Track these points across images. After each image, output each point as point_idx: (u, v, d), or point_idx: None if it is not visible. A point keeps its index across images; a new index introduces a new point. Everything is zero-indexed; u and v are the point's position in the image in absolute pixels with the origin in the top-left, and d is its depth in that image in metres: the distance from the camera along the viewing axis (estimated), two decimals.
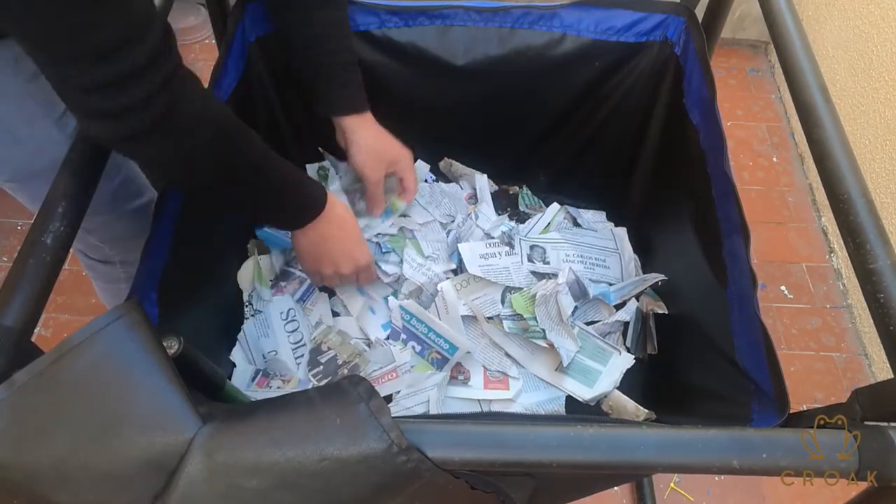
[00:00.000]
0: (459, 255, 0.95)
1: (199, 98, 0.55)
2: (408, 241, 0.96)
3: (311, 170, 1.01)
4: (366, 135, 0.84)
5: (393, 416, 0.42)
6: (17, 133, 0.69)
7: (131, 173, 0.84)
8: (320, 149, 1.00)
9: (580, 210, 1.05)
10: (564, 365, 0.84)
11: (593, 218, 1.05)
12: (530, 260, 0.94)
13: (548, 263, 0.95)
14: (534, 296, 0.88)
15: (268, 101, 0.92)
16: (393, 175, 0.91)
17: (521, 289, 0.90)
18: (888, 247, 0.48)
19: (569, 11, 0.85)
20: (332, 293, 0.94)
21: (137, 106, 0.49)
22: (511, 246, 0.95)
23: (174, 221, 0.69)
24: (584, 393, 0.84)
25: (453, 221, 1.00)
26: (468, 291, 0.90)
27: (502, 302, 0.91)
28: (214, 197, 0.68)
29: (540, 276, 0.93)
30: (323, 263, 0.80)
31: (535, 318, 0.87)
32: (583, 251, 0.97)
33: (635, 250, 1.00)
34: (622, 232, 1.01)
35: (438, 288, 0.88)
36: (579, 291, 0.90)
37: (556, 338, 0.84)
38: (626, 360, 0.87)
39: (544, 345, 0.85)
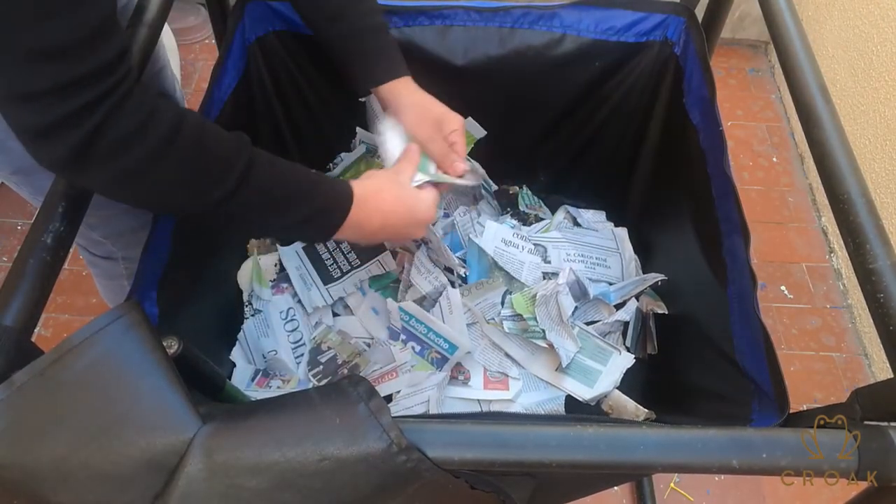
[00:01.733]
0: (463, 247, 0.95)
1: (147, 110, 0.48)
2: (420, 245, 0.96)
3: None
4: (411, 96, 0.78)
5: (393, 415, 0.42)
6: None
7: None
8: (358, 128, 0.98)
9: (580, 210, 1.05)
10: (564, 365, 0.84)
11: (593, 218, 1.05)
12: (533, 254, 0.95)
13: (549, 263, 0.95)
14: (534, 296, 0.88)
15: (268, 101, 0.92)
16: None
17: (523, 288, 0.90)
18: (888, 247, 0.48)
19: (569, 11, 0.85)
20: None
21: (74, 117, 0.44)
22: (536, 245, 0.95)
23: (174, 221, 0.69)
24: (585, 393, 0.85)
25: (448, 217, 1.00)
26: (471, 298, 0.90)
27: (502, 303, 0.91)
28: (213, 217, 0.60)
29: (546, 276, 0.93)
30: (382, 239, 0.73)
31: (535, 319, 0.87)
32: (584, 251, 0.97)
33: (635, 250, 1.00)
34: (623, 232, 1.01)
35: (446, 294, 0.88)
36: (579, 291, 0.90)
37: (556, 338, 0.84)
38: (626, 360, 0.87)
39: (544, 345, 0.85)
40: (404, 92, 0.78)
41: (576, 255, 0.96)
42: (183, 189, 0.52)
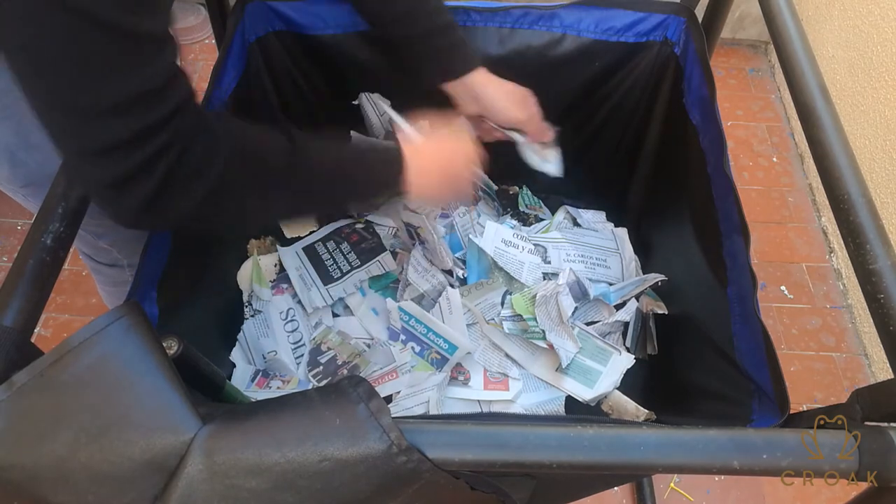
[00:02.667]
0: (463, 247, 0.95)
1: (210, 136, 0.50)
2: (416, 243, 0.96)
3: None
4: (494, 85, 0.80)
5: (393, 416, 0.42)
6: (29, 138, 0.68)
7: None
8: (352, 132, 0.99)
9: (580, 210, 1.05)
10: (564, 366, 0.84)
11: (593, 218, 1.05)
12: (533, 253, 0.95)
13: (549, 263, 0.95)
14: (534, 296, 0.88)
15: (267, 101, 0.92)
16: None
17: (523, 288, 0.90)
18: (888, 247, 0.47)
19: (569, 11, 0.85)
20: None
21: (150, 162, 0.45)
22: (536, 246, 0.95)
23: None
24: (585, 393, 0.84)
25: (447, 217, 1.00)
26: (470, 298, 0.90)
27: (502, 304, 0.91)
28: (288, 211, 0.64)
29: (546, 276, 0.93)
30: (448, 193, 0.74)
31: (534, 319, 0.87)
32: (584, 251, 0.97)
33: (635, 250, 1.00)
34: (623, 232, 1.01)
35: (445, 294, 0.88)
36: (580, 292, 0.90)
37: (556, 339, 0.84)
38: (626, 360, 0.87)
39: (544, 346, 0.85)
40: (485, 81, 0.79)
41: (576, 256, 0.96)
42: (259, 197, 0.54)
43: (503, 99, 0.80)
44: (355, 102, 0.96)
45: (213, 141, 0.50)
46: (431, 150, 0.71)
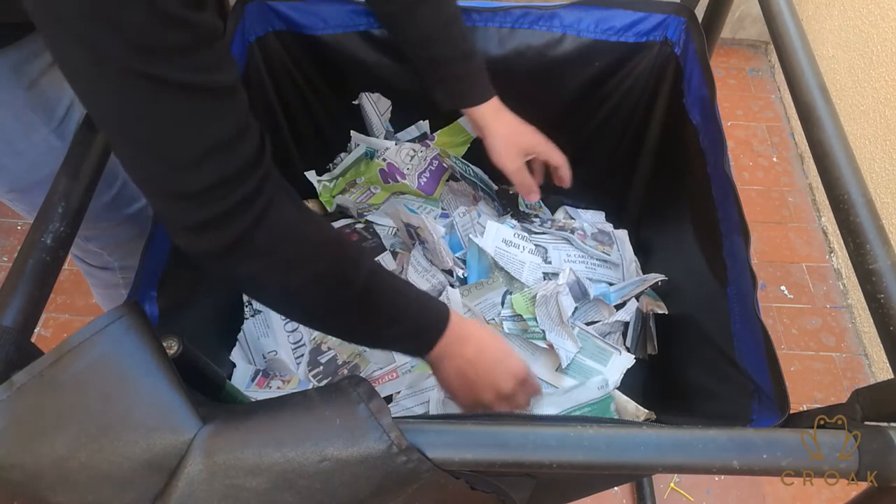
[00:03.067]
0: (463, 247, 0.95)
1: (292, 207, 0.50)
2: (416, 243, 0.96)
3: (312, 177, 1.01)
4: (497, 124, 0.82)
5: (393, 416, 0.42)
6: (15, 144, 0.68)
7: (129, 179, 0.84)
8: (353, 132, 0.99)
9: (579, 210, 1.05)
10: (563, 366, 0.84)
11: (593, 218, 1.05)
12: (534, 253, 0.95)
13: (549, 263, 0.95)
14: (534, 296, 0.88)
15: (267, 101, 0.92)
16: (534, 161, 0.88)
17: (523, 288, 0.90)
18: (888, 247, 0.47)
19: (568, 11, 0.85)
20: None
21: (235, 211, 0.46)
22: (537, 246, 0.95)
23: None
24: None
25: (447, 217, 1.00)
26: (471, 298, 0.90)
27: (502, 304, 0.91)
28: (318, 323, 0.60)
29: (546, 276, 0.93)
30: (478, 389, 0.65)
31: (534, 319, 0.87)
32: (582, 254, 0.97)
33: (635, 250, 1.00)
34: (623, 234, 1.01)
35: (445, 294, 0.88)
36: (580, 292, 0.90)
37: (556, 338, 0.84)
38: (626, 360, 0.87)
39: (544, 346, 0.85)
40: (489, 116, 0.81)
41: (576, 256, 0.96)
42: (320, 286, 0.53)
43: (497, 142, 0.82)
44: (355, 102, 0.96)
45: (306, 212, 0.51)
46: (478, 331, 0.64)
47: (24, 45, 0.62)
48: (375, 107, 0.96)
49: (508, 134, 0.82)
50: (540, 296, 0.87)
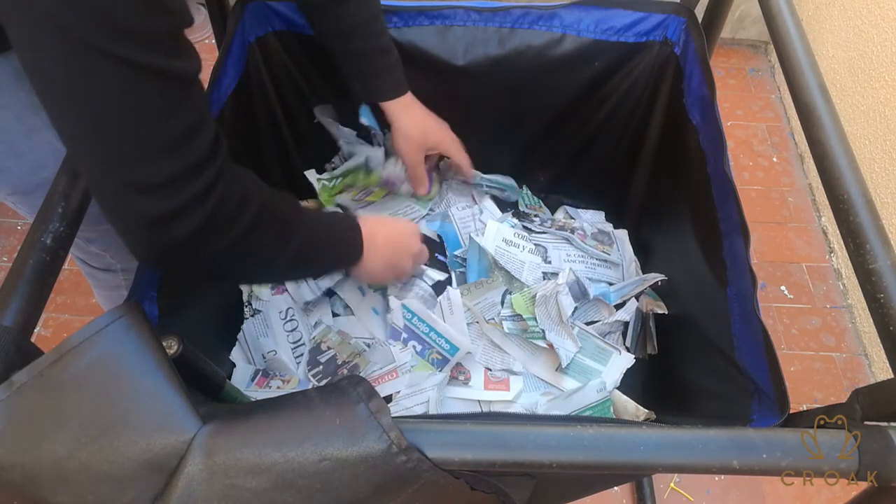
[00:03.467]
0: (462, 245, 0.95)
1: (243, 182, 0.52)
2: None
3: (311, 176, 1.01)
4: (404, 118, 0.86)
5: (392, 416, 0.42)
6: (17, 146, 0.68)
7: None
8: (340, 127, 0.99)
9: (579, 210, 1.05)
10: (563, 366, 0.84)
11: (592, 218, 1.05)
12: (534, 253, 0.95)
13: (549, 263, 0.95)
14: (534, 296, 0.88)
15: (267, 100, 0.92)
16: (436, 155, 0.93)
17: (523, 287, 0.90)
18: (888, 247, 0.47)
19: (568, 11, 0.85)
20: (330, 293, 0.94)
21: (198, 199, 0.46)
22: (537, 246, 0.95)
23: None
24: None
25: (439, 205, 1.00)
26: (470, 297, 0.90)
27: (502, 303, 0.91)
28: (266, 276, 0.66)
29: (546, 276, 0.93)
30: (388, 276, 0.79)
31: (534, 319, 0.87)
32: (582, 255, 0.97)
33: (635, 250, 1.00)
34: (623, 234, 1.01)
35: (446, 294, 0.88)
36: (579, 292, 0.90)
37: (556, 338, 0.84)
38: (626, 360, 0.87)
39: (544, 345, 0.85)
40: (398, 111, 0.85)
41: (576, 256, 0.96)
42: (264, 253, 0.56)
43: (400, 135, 0.87)
44: (316, 120, 0.98)
45: (247, 187, 0.52)
46: (383, 236, 0.74)
47: None
48: (334, 117, 0.98)
49: (411, 128, 0.86)
50: (539, 295, 0.87)
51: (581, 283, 0.89)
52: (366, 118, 0.91)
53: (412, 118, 0.86)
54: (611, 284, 0.96)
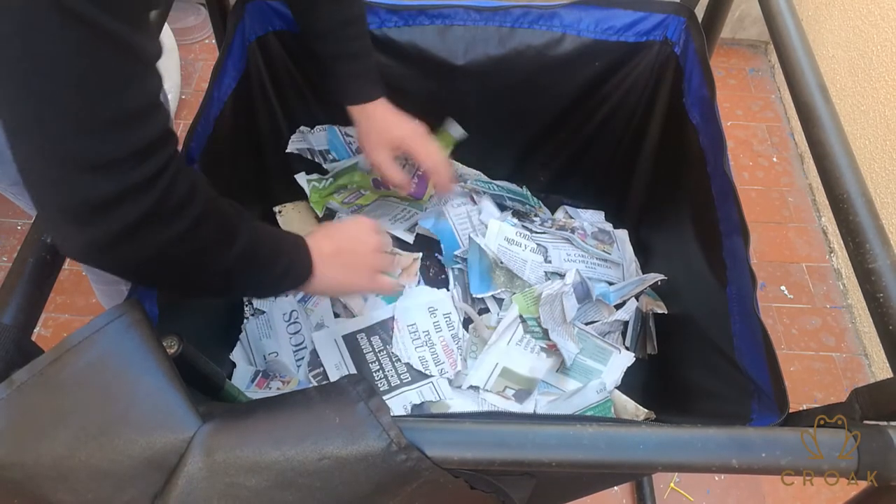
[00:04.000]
0: (460, 245, 0.95)
1: (190, 177, 0.48)
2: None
3: (302, 179, 1.01)
4: (365, 118, 0.83)
5: (392, 415, 0.42)
6: None
7: None
8: (338, 128, 0.99)
9: (579, 210, 1.05)
10: (567, 365, 0.84)
11: (592, 218, 1.05)
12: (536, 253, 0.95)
13: (549, 262, 0.95)
14: (537, 296, 0.88)
15: (267, 100, 0.92)
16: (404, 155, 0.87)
17: (524, 287, 0.90)
18: (888, 246, 0.47)
19: (568, 11, 0.85)
20: None
21: (144, 185, 0.43)
22: (538, 245, 0.95)
23: None
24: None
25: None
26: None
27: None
28: (205, 283, 0.57)
29: (547, 275, 0.93)
30: (350, 283, 0.71)
31: (534, 319, 0.87)
32: (584, 251, 0.97)
33: (635, 250, 1.00)
34: (623, 234, 1.01)
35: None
36: (584, 293, 0.90)
37: (559, 338, 0.84)
38: (626, 359, 0.87)
39: (544, 345, 0.85)
40: (365, 112, 0.82)
41: (576, 256, 0.96)
42: (206, 256, 0.52)
43: (363, 137, 0.84)
44: (290, 150, 0.98)
45: (194, 182, 0.48)
46: (331, 242, 0.67)
47: None
48: (311, 140, 0.98)
49: (375, 127, 0.83)
50: (545, 295, 0.87)
51: (586, 283, 0.89)
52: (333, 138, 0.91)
53: (373, 117, 0.83)
54: (610, 284, 0.96)
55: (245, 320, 0.91)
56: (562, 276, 0.91)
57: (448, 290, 0.93)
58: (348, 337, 0.88)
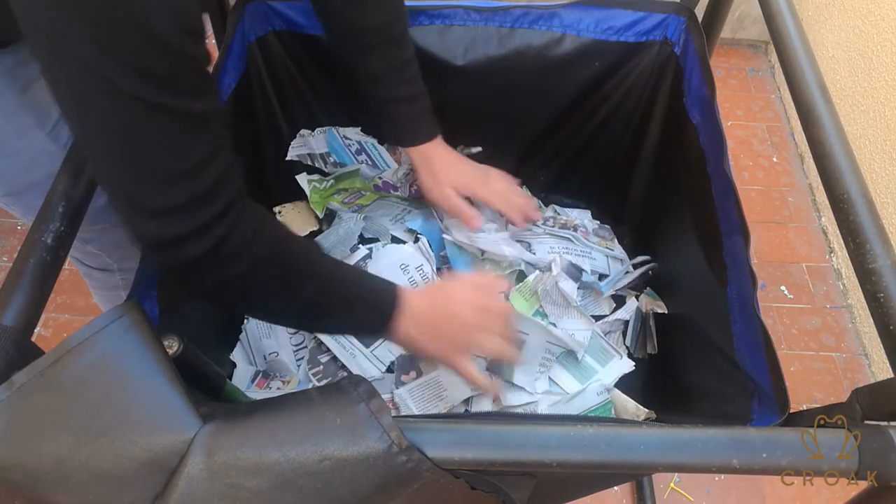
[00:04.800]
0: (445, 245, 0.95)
1: (253, 222, 0.52)
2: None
3: (302, 180, 1.01)
4: (428, 162, 0.84)
5: (393, 415, 0.42)
6: (9, 146, 0.68)
7: None
8: (336, 130, 0.99)
9: (566, 209, 1.05)
10: (586, 347, 0.83)
11: (580, 216, 1.05)
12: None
13: (534, 254, 0.94)
14: (535, 292, 0.88)
15: (267, 100, 0.92)
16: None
17: (503, 266, 0.90)
18: (888, 246, 0.48)
19: (568, 11, 0.85)
20: None
21: (204, 227, 0.48)
22: (519, 242, 0.96)
23: None
24: (574, 388, 0.84)
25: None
26: None
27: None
28: (278, 319, 0.64)
29: (530, 266, 0.93)
30: (435, 358, 0.69)
31: (539, 313, 0.87)
32: (567, 245, 0.97)
33: (635, 250, 1.00)
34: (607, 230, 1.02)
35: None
36: (576, 272, 0.90)
37: (570, 322, 0.83)
38: (625, 365, 0.86)
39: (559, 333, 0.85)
40: (424, 155, 0.83)
41: (560, 248, 0.96)
42: (267, 297, 0.56)
43: (430, 179, 0.84)
44: (289, 158, 0.97)
45: (258, 227, 0.52)
46: (433, 288, 0.68)
47: (18, 49, 0.63)
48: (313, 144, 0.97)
49: (435, 169, 0.84)
50: (541, 290, 0.87)
51: (574, 264, 0.90)
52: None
53: (432, 159, 0.83)
54: (601, 278, 0.96)
55: (245, 320, 0.91)
56: (545, 268, 0.91)
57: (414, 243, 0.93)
58: None
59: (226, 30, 0.82)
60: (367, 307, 0.62)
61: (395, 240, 0.98)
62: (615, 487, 1.18)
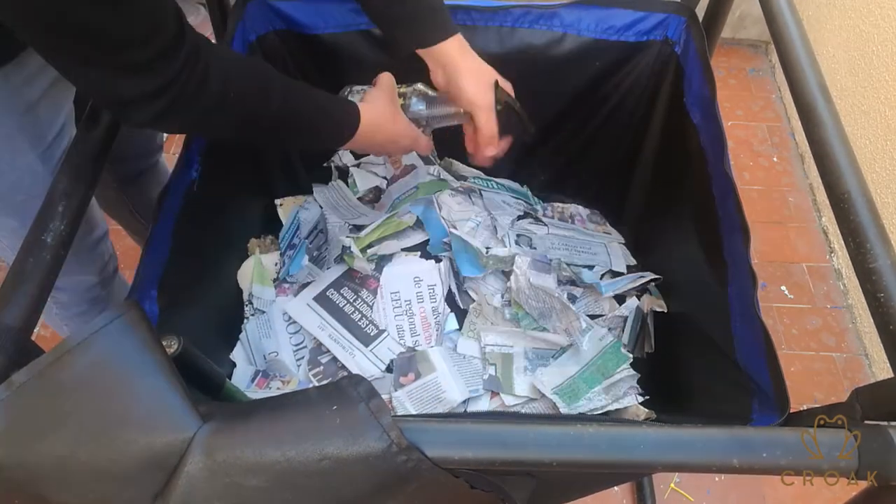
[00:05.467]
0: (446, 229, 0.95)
1: (199, 64, 0.55)
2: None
3: (346, 241, 0.98)
4: (466, 59, 0.76)
5: (392, 415, 0.42)
6: None
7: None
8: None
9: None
10: (583, 339, 0.84)
11: (572, 206, 1.05)
12: (517, 244, 0.95)
13: (534, 249, 0.94)
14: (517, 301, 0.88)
15: None
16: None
17: (507, 259, 0.90)
18: (888, 246, 0.47)
19: (569, 11, 0.85)
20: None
21: (169, 84, 0.51)
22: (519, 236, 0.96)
23: (175, 219, 0.69)
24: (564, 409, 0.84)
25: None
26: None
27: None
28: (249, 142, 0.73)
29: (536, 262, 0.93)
30: (379, 152, 0.87)
31: (525, 316, 0.87)
32: (568, 242, 0.97)
33: (636, 250, 1.00)
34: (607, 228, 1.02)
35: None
36: (546, 265, 0.90)
37: (561, 318, 0.83)
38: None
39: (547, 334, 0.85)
40: (454, 52, 0.76)
41: (559, 244, 0.96)
42: (246, 118, 0.61)
43: (472, 78, 0.77)
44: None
45: (205, 68, 0.55)
46: (384, 125, 0.74)
47: (24, 63, 0.62)
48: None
49: (478, 68, 0.77)
50: (514, 290, 0.86)
51: (544, 258, 0.90)
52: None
53: (473, 58, 0.77)
54: (602, 276, 0.95)
55: (245, 320, 0.91)
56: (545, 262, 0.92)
57: (436, 262, 0.93)
58: (319, 297, 0.89)
59: (226, 28, 0.82)
60: (333, 123, 0.70)
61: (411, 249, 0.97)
62: (615, 487, 1.18)
